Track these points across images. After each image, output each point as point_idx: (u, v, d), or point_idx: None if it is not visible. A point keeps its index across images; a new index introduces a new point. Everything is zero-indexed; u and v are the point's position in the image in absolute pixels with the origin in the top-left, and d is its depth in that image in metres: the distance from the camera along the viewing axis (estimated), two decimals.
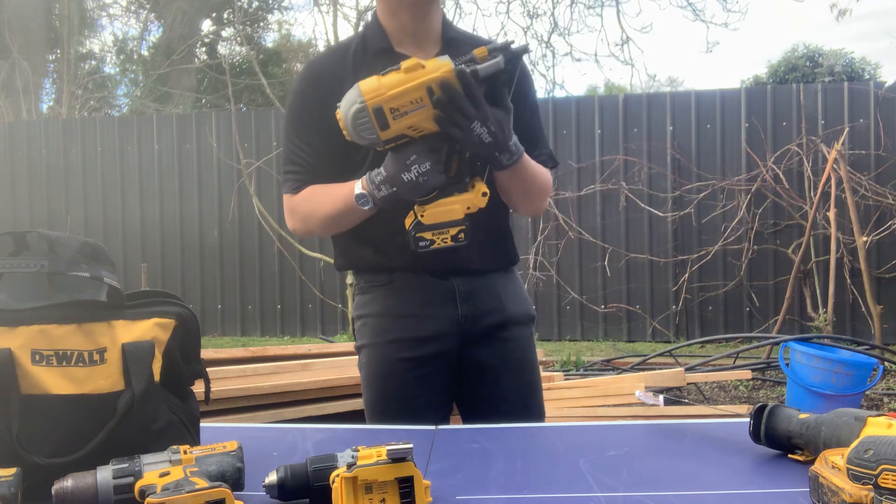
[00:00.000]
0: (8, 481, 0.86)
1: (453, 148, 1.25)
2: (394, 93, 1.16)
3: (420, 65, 1.17)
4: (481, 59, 1.19)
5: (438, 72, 1.16)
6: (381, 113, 1.17)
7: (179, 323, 1.04)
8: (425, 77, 1.16)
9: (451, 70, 1.17)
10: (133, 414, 0.97)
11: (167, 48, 13.03)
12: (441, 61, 1.18)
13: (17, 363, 0.94)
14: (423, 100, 1.17)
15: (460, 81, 1.18)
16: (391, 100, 1.16)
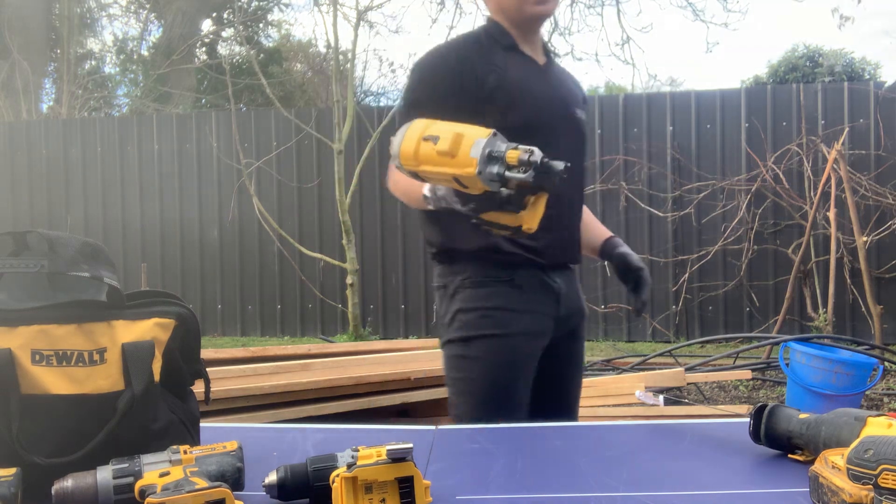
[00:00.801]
0: (8, 481, 0.86)
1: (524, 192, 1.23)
2: (426, 169, 1.18)
3: (450, 153, 1.14)
4: (511, 163, 1.13)
5: (463, 171, 1.14)
6: (417, 175, 1.20)
7: (179, 323, 1.04)
8: (452, 171, 1.15)
9: (474, 174, 1.13)
10: (133, 414, 0.97)
11: (167, 48, 13.03)
12: (471, 154, 1.13)
13: (17, 363, 0.94)
14: (452, 182, 1.18)
15: (487, 183, 1.15)
16: (423, 173, 1.19)
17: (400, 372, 3.80)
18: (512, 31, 1.63)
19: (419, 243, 7.44)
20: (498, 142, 1.13)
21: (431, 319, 7.44)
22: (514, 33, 1.63)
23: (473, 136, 1.14)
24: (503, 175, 1.13)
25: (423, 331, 7.45)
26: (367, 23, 9.75)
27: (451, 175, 1.15)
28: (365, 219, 7.55)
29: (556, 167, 1.12)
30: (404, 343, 5.30)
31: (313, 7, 14.71)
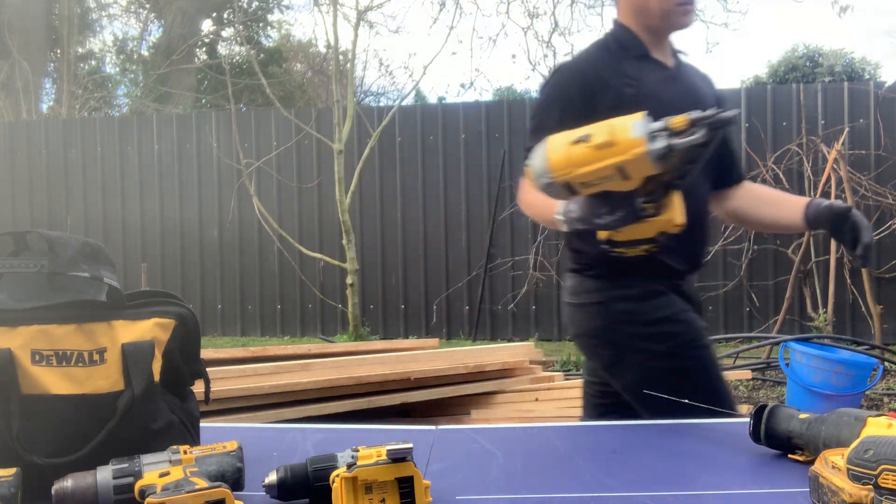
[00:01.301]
0: (8, 481, 0.86)
1: (661, 191, 1.20)
2: (583, 171, 1.12)
3: (610, 143, 1.10)
4: (677, 129, 1.09)
5: (630, 153, 1.09)
6: (570, 185, 1.15)
7: (179, 323, 1.04)
8: (616, 159, 1.10)
9: (644, 152, 1.09)
10: (133, 414, 0.97)
11: (167, 48, 13.03)
12: (633, 134, 1.09)
13: (17, 363, 0.94)
14: (614, 176, 1.12)
15: (654, 163, 1.10)
16: (580, 177, 1.13)
17: (400, 372, 3.80)
18: (644, 36, 1.61)
19: (419, 243, 7.44)
20: (652, 120, 1.10)
21: (431, 319, 7.44)
22: (646, 39, 1.61)
23: (628, 121, 1.10)
24: (672, 147, 1.08)
25: (423, 331, 7.45)
26: (367, 23, 9.75)
27: (615, 164, 1.10)
28: (365, 219, 7.54)
29: (727, 116, 1.09)
30: (404, 343, 5.30)
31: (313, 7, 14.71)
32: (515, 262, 7.24)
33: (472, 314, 7.36)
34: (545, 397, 4.04)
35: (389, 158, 7.50)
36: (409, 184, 7.50)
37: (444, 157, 7.44)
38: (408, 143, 7.50)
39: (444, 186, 7.43)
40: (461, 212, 7.40)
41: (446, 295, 7.40)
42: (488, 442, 1.20)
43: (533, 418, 3.83)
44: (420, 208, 7.47)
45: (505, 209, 7.26)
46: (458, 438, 1.26)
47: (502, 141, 7.32)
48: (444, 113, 7.65)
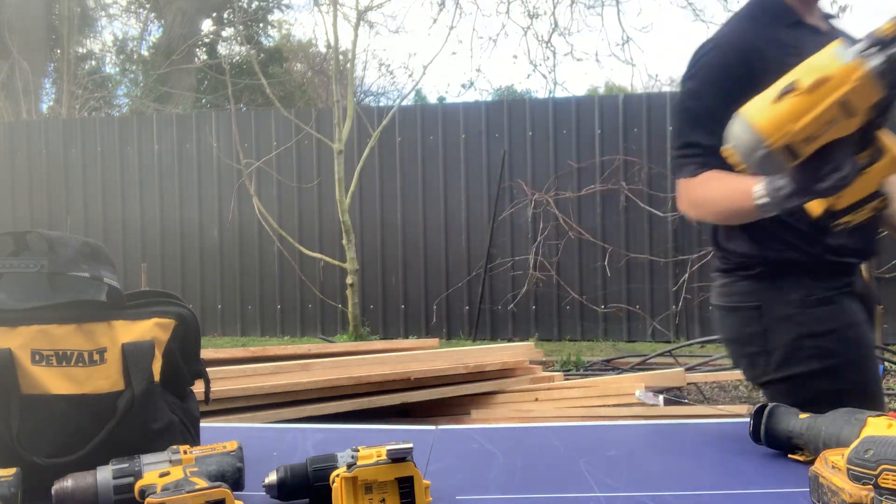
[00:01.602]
0: (8, 481, 0.86)
1: (870, 134, 1.07)
2: (804, 123, 0.98)
3: (824, 79, 0.96)
4: (887, 37, 0.95)
5: (852, 80, 0.95)
6: (791, 149, 1.00)
7: (179, 323, 1.04)
8: (837, 94, 0.96)
9: (866, 73, 0.95)
10: (133, 414, 0.97)
11: (167, 48, 13.03)
12: (845, 60, 0.96)
13: (17, 363, 0.94)
14: (837, 117, 0.98)
15: (879, 83, 0.97)
16: (800, 132, 0.99)
17: (400, 372, 3.80)
18: (796, 3, 1.45)
19: (419, 243, 7.45)
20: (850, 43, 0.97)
21: (431, 319, 7.44)
22: (797, 5, 1.45)
23: (829, 52, 0.97)
24: (891, 57, 0.94)
25: (423, 331, 7.45)
26: (367, 23, 9.75)
27: (838, 100, 0.96)
28: (365, 219, 7.54)
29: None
30: (404, 343, 5.31)
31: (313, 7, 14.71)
32: (515, 261, 7.24)
33: (472, 314, 7.36)
34: (545, 397, 4.05)
35: (389, 158, 7.51)
36: (409, 184, 7.50)
37: (444, 157, 7.44)
38: (408, 143, 7.50)
39: (444, 186, 7.43)
40: (461, 212, 7.40)
41: (446, 295, 7.40)
42: (488, 442, 1.20)
43: (533, 418, 3.83)
44: (420, 208, 7.47)
45: (505, 209, 7.26)
46: (458, 438, 1.26)
47: (502, 141, 7.32)
48: (444, 113, 7.65)
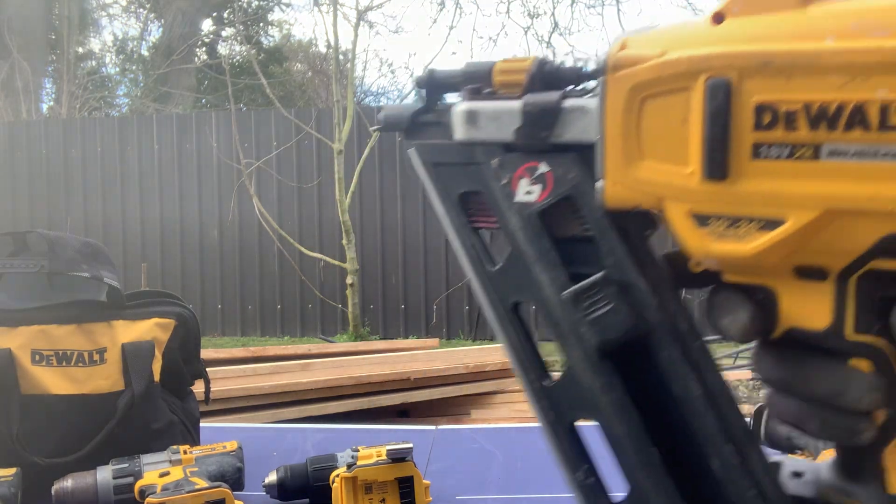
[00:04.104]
0: (8, 481, 0.86)
1: None
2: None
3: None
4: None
5: None
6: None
7: (179, 323, 1.04)
8: None
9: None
10: (133, 414, 0.97)
11: (167, 48, 13.03)
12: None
13: (17, 363, 0.94)
14: None
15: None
16: None
17: (400, 372, 3.81)
18: None
19: (419, 243, 7.44)
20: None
21: (431, 319, 7.44)
22: None
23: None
24: None
25: (423, 331, 7.45)
26: (367, 23, 9.75)
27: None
28: (365, 219, 7.54)
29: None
30: (404, 343, 5.31)
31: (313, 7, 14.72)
32: None
33: (472, 314, 7.36)
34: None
35: (389, 158, 7.50)
36: (409, 184, 7.50)
37: None
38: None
39: None
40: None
41: (446, 295, 7.40)
42: (488, 442, 1.20)
43: (533, 418, 3.82)
44: (420, 208, 7.47)
45: None
46: (458, 438, 1.26)
47: None
48: None
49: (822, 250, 0.34)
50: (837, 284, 0.35)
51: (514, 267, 0.42)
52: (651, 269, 0.40)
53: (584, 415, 0.41)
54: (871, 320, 0.35)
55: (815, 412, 0.37)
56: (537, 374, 0.42)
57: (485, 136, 0.41)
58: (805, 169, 0.32)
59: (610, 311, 0.38)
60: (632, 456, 0.40)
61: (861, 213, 0.32)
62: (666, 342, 0.39)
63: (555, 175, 0.40)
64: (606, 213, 0.38)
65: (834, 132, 0.31)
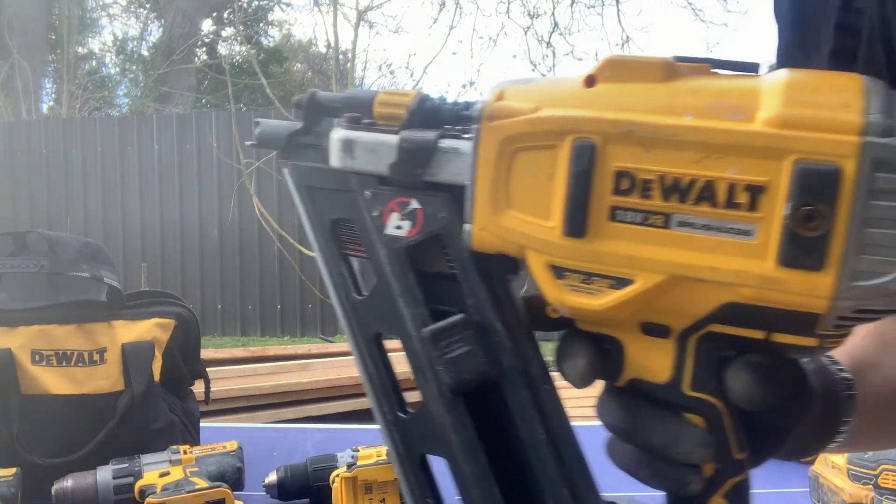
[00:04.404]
0: (8, 481, 0.86)
1: None
2: None
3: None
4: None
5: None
6: None
7: (179, 323, 1.04)
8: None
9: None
10: (133, 414, 0.97)
11: (167, 48, 13.04)
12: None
13: (17, 363, 0.94)
14: None
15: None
16: None
17: (400, 372, 3.80)
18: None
19: None
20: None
21: None
22: None
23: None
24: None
25: None
26: (367, 23, 9.76)
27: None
28: None
29: None
30: None
31: (313, 7, 14.72)
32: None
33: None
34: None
35: None
36: None
37: None
38: None
39: None
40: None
41: None
42: None
43: None
44: None
45: None
46: None
47: None
48: None
49: (666, 311, 0.36)
50: (678, 343, 0.37)
51: (378, 298, 0.42)
52: (510, 312, 0.40)
53: (434, 450, 0.41)
54: (707, 379, 0.37)
55: (649, 461, 0.39)
56: (391, 407, 0.42)
57: (360, 166, 0.41)
58: (656, 236, 0.34)
59: (466, 354, 0.39)
60: (475, 493, 0.40)
61: (703, 281, 0.34)
62: (517, 386, 0.39)
63: (425, 213, 0.40)
64: (471, 254, 0.39)
65: (684, 204, 0.33)
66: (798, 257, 0.31)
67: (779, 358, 0.37)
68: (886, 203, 0.30)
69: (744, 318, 0.35)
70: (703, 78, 0.34)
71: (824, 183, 0.31)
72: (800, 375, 0.42)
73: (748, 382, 0.36)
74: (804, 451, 0.52)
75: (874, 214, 0.31)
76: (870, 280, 0.31)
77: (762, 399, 0.36)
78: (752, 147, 0.32)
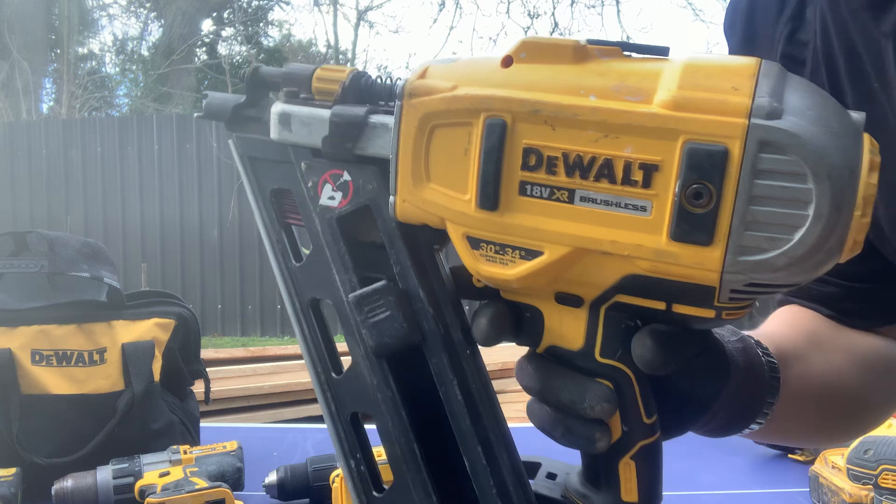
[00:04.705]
0: (8, 481, 0.86)
1: None
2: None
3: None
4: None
5: None
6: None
7: (179, 323, 1.04)
8: None
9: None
10: (133, 414, 0.97)
11: (167, 48, 13.04)
12: None
13: (17, 363, 0.94)
14: None
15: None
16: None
17: None
18: None
19: None
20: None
21: None
22: None
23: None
24: None
25: None
26: (367, 23, 9.76)
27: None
28: None
29: None
30: None
31: (313, 7, 14.72)
32: None
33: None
34: None
35: None
36: None
37: None
38: None
39: None
40: None
41: None
42: None
43: None
44: None
45: None
46: None
47: None
48: None
49: (576, 282, 0.38)
50: (590, 312, 0.40)
51: (314, 265, 0.44)
52: (435, 280, 0.42)
53: (361, 408, 0.44)
54: (616, 346, 0.40)
55: (561, 418, 0.41)
56: (324, 368, 0.44)
57: (296, 139, 0.43)
58: (561, 210, 0.36)
59: (387, 319, 0.41)
60: (397, 449, 0.43)
61: (606, 254, 0.36)
62: (437, 349, 0.42)
63: (355, 185, 0.43)
64: (398, 225, 0.41)
65: (586, 181, 0.35)
66: (688, 232, 0.33)
67: (681, 328, 0.39)
68: (770, 182, 0.32)
69: (646, 290, 0.37)
70: (612, 60, 0.36)
71: (712, 163, 0.32)
72: (707, 346, 0.45)
73: (649, 347, 0.38)
74: (728, 428, 0.55)
75: (759, 193, 0.32)
76: (756, 255, 0.33)
77: (662, 363, 0.38)
78: (646, 128, 0.33)
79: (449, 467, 0.43)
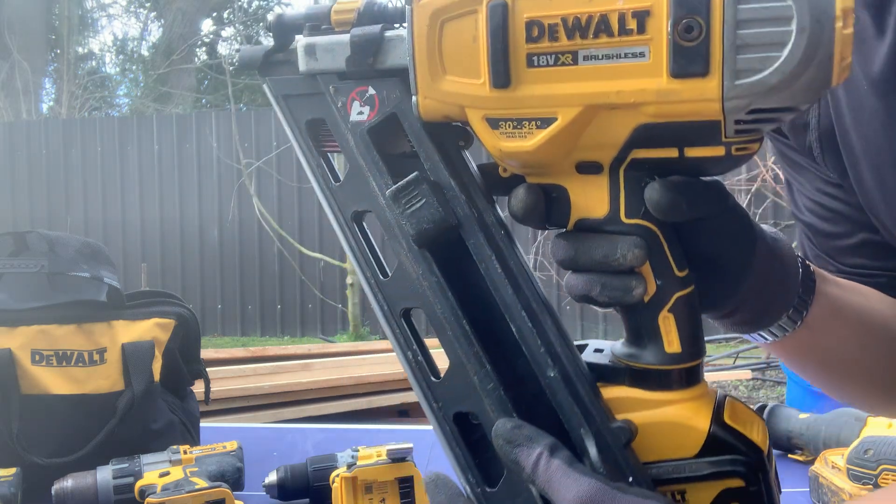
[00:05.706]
0: (8, 481, 0.86)
1: None
2: None
3: None
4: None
5: None
6: None
7: (179, 323, 1.04)
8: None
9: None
10: (133, 414, 0.97)
11: (167, 48, 13.03)
12: None
13: (17, 363, 0.94)
14: None
15: None
16: None
17: (400, 372, 3.80)
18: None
19: None
20: None
21: None
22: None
23: None
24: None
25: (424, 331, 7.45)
26: None
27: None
28: None
29: None
30: None
31: None
32: None
33: None
34: None
35: None
36: None
37: None
38: None
39: None
40: None
41: None
42: None
43: None
44: None
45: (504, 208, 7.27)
46: None
47: None
48: None
49: (592, 145, 0.41)
50: (611, 177, 0.42)
51: (352, 180, 0.48)
52: (463, 171, 0.46)
53: (411, 302, 0.47)
54: (639, 205, 0.42)
55: (596, 278, 0.44)
56: (372, 272, 0.48)
57: (322, 66, 0.47)
58: (567, 73, 0.38)
59: (424, 206, 0.44)
60: (448, 332, 0.45)
61: (612, 107, 0.38)
62: (473, 231, 0.45)
63: (380, 97, 0.46)
64: (424, 126, 0.44)
65: (586, 40, 0.38)
66: (685, 66, 0.36)
67: (693, 177, 0.42)
68: (753, 5, 0.35)
69: (657, 139, 0.39)
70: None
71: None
72: (726, 206, 0.47)
73: (658, 190, 0.41)
74: (761, 318, 0.55)
75: (744, 17, 0.35)
76: (751, 77, 0.35)
77: (673, 205, 0.41)
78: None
79: (499, 349, 0.46)
